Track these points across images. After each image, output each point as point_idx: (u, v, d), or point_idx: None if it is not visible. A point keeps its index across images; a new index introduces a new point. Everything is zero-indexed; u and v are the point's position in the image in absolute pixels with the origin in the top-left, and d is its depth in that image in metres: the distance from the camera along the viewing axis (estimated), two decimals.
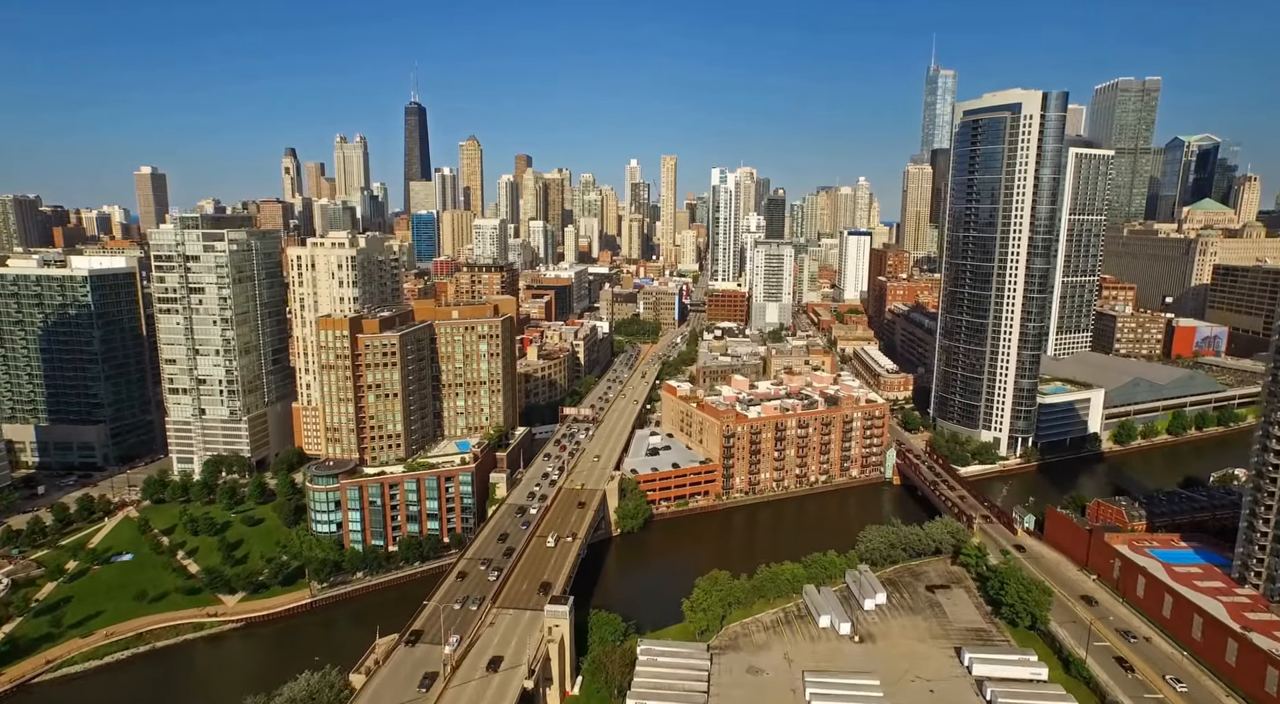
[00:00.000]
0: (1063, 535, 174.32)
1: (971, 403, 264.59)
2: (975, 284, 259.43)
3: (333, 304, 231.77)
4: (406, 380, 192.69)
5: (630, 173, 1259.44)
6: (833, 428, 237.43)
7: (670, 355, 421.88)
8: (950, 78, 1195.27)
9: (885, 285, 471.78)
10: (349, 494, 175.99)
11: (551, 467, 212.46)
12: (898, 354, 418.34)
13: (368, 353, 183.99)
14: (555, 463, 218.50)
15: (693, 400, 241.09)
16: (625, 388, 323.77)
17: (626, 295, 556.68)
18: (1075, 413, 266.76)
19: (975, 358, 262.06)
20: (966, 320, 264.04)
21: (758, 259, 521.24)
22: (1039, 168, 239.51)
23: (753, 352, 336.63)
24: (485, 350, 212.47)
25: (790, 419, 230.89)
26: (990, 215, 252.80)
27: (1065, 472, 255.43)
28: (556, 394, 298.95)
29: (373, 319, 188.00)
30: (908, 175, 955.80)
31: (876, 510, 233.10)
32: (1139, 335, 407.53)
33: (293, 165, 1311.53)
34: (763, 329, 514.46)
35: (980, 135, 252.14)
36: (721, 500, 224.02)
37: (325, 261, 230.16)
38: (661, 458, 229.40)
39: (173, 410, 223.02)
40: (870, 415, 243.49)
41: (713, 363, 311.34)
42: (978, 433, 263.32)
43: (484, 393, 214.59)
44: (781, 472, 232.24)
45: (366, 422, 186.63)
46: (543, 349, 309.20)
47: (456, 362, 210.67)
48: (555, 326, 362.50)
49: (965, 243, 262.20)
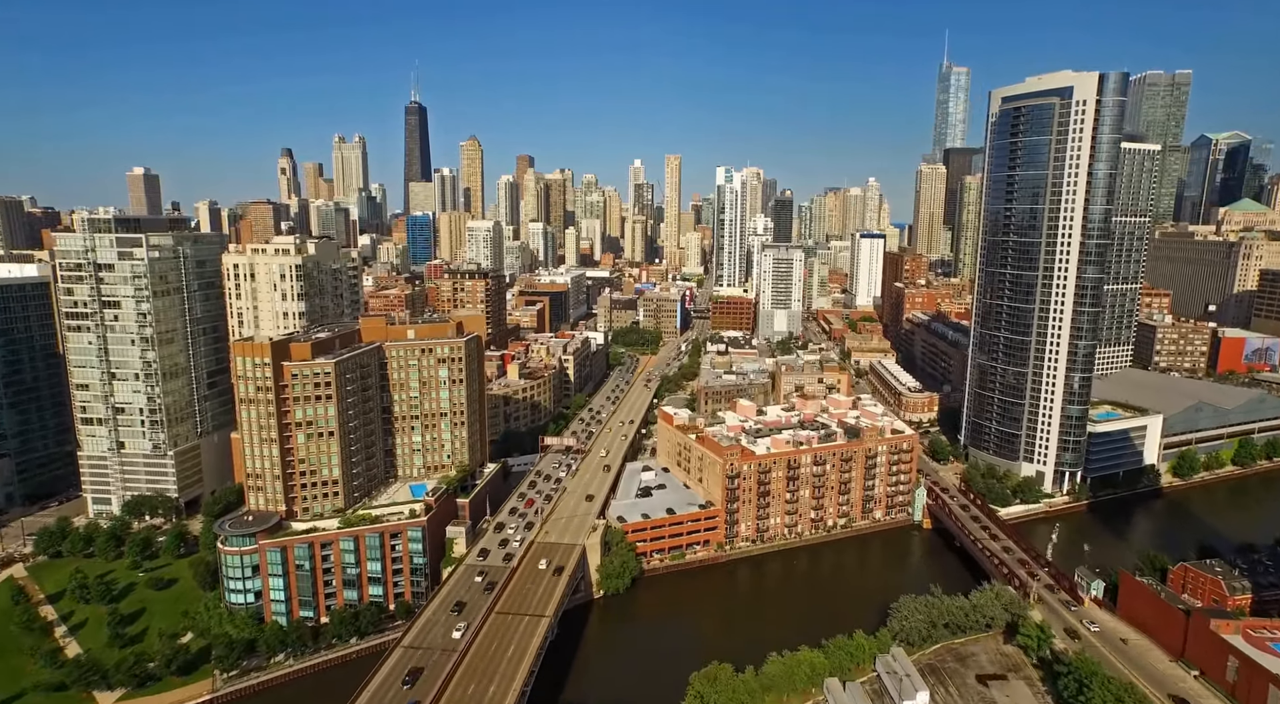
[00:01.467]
0: (1144, 611, 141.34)
1: (1010, 431, 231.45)
2: (1015, 295, 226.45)
3: (275, 320, 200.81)
4: (346, 415, 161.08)
5: (634, 173, 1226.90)
6: (854, 464, 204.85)
7: (671, 368, 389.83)
8: (963, 75, 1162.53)
9: (902, 292, 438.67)
10: (270, 557, 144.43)
11: (521, 519, 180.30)
12: (917, 367, 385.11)
13: (296, 384, 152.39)
14: (528, 510, 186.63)
15: (691, 430, 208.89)
16: (619, 408, 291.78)
17: (626, 302, 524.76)
18: (1129, 443, 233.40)
19: (1015, 380, 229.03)
20: (1005, 337, 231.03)
21: (765, 264, 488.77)
22: (1093, 162, 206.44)
23: (760, 369, 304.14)
24: (446, 376, 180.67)
25: (804, 454, 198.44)
26: (1034, 217, 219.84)
27: (1120, 512, 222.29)
28: (540, 418, 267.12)
29: (303, 342, 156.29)
30: (920, 175, 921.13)
31: (905, 562, 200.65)
32: (1181, 347, 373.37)
33: (289, 166, 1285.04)
34: (770, 338, 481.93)
35: (1022, 125, 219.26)
36: (724, 551, 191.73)
37: (266, 271, 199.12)
38: (655, 500, 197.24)
39: (86, 443, 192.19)
40: (896, 448, 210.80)
41: (715, 382, 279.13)
42: (1017, 465, 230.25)
43: (445, 426, 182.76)
44: (794, 516, 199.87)
45: (296, 466, 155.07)
46: (526, 367, 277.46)
47: (411, 390, 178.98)
48: (543, 339, 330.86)
49: (1004, 248, 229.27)
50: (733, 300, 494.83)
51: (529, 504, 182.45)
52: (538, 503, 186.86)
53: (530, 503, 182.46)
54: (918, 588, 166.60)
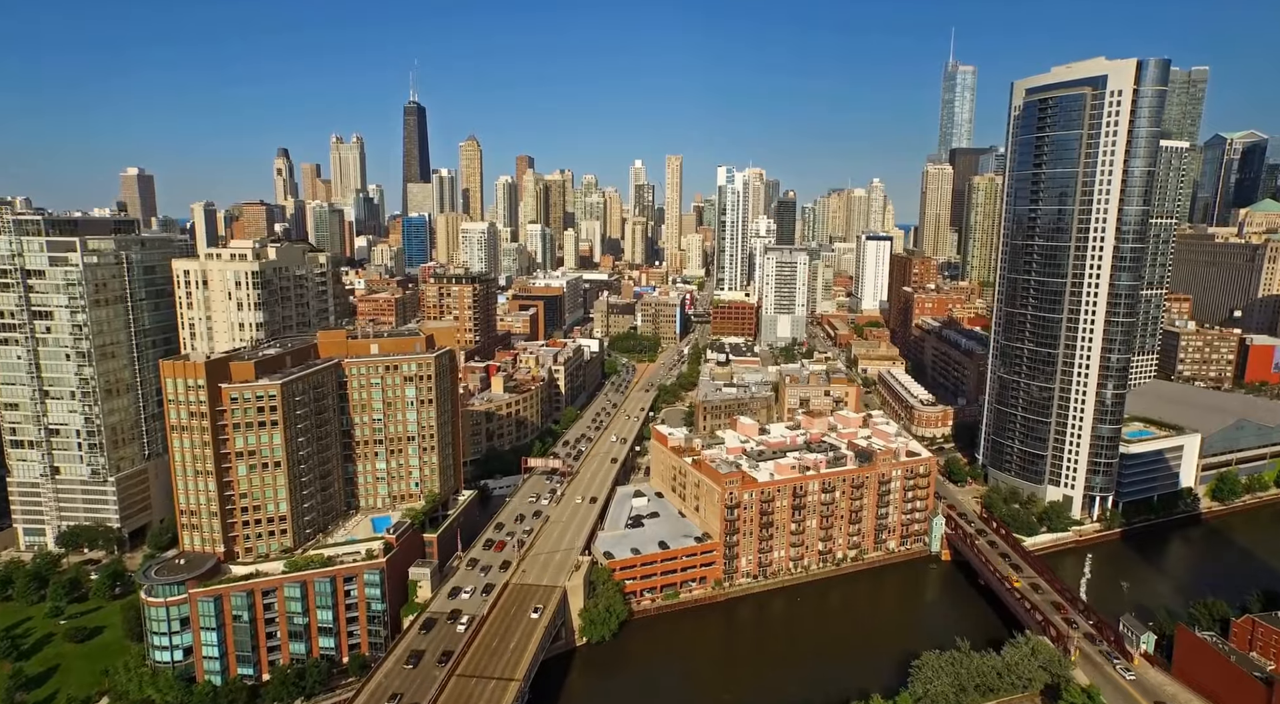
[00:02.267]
0: (1208, 675, 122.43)
1: (1035, 452, 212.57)
2: (1041, 304, 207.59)
3: (230, 331, 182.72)
4: (295, 443, 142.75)
5: (634, 174, 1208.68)
6: (865, 491, 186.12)
7: (669, 377, 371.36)
8: (969, 74, 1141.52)
9: (911, 297, 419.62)
10: (202, 608, 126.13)
11: (496, 556, 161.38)
12: (928, 377, 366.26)
13: (235, 408, 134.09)
14: (505, 546, 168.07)
15: (688, 453, 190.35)
16: (611, 423, 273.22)
17: (623, 306, 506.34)
18: (1165, 464, 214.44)
19: (1040, 396, 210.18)
20: (1029, 349, 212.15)
21: (768, 267, 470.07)
22: (1129, 159, 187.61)
23: (762, 381, 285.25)
24: (414, 396, 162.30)
25: (811, 481, 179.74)
26: (1061, 219, 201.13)
27: (1157, 541, 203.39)
28: (526, 434, 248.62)
29: (246, 361, 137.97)
30: (927, 176, 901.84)
31: (923, 601, 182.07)
32: (1205, 356, 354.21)
33: (285, 166, 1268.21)
34: (773, 344, 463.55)
35: (1049, 119, 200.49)
36: (722, 588, 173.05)
37: (220, 278, 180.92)
38: (646, 531, 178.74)
39: (16, 469, 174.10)
40: (912, 473, 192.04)
41: (715, 396, 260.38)
42: (1042, 489, 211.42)
43: (413, 451, 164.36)
44: (800, 548, 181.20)
45: (236, 502, 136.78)
46: (512, 379, 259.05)
47: (374, 412, 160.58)
48: (533, 348, 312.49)
49: (1028, 253, 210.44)
50: (734, 305, 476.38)
51: (499, 548, 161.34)
52: (509, 545, 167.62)
53: (500, 546, 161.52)
54: (939, 634, 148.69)
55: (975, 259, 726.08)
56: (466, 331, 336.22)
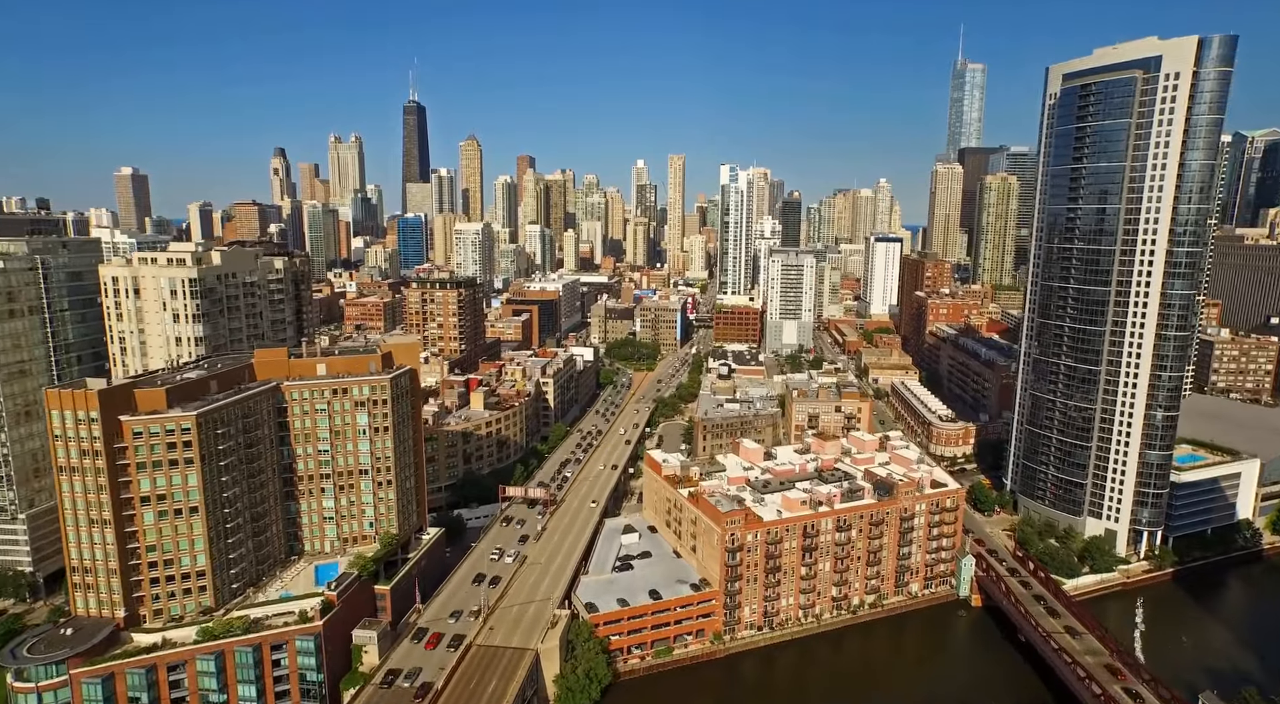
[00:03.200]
0: None
1: (1073, 480, 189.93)
2: (1080, 315, 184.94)
3: (166, 346, 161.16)
4: (218, 483, 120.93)
5: (636, 174, 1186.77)
6: (886, 528, 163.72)
7: (668, 387, 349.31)
8: (979, 72, 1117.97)
9: (925, 302, 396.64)
10: (89, 691, 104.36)
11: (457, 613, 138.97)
12: (943, 388, 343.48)
13: (140, 444, 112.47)
14: (476, 591, 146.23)
15: (684, 483, 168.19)
16: (604, 441, 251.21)
17: (622, 311, 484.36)
18: (1220, 493, 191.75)
19: (1079, 417, 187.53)
20: (1066, 365, 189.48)
21: (773, 270, 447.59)
22: (1186, 151, 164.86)
23: (768, 395, 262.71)
24: (367, 423, 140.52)
25: (824, 518, 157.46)
26: (1104, 219, 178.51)
27: (1215, 582, 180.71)
28: (509, 455, 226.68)
29: (155, 388, 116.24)
30: (936, 176, 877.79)
31: (953, 657, 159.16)
32: (1242, 366, 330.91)
33: (282, 166, 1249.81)
34: (779, 352, 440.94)
35: (1092, 107, 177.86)
36: (723, 643, 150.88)
37: (154, 286, 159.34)
38: (636, 575, 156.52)
39: None
40: (938, 507, 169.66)
41: (716, 413, 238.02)
42: (1080, 521, 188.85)
43: (366, 486, 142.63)
44: (811, 594, 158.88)
45: (142, 556, 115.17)
46: (494, 394, 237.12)
47: (320, 442, 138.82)
48: (520, 359, 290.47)
49: (1065, 258, 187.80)
50: (738, 310, 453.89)
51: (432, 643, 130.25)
52: (480, 589, 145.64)
53: (433, 642, 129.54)
54: (970, 694, 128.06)
55: (987, 261, 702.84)
56: (451, 340, 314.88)
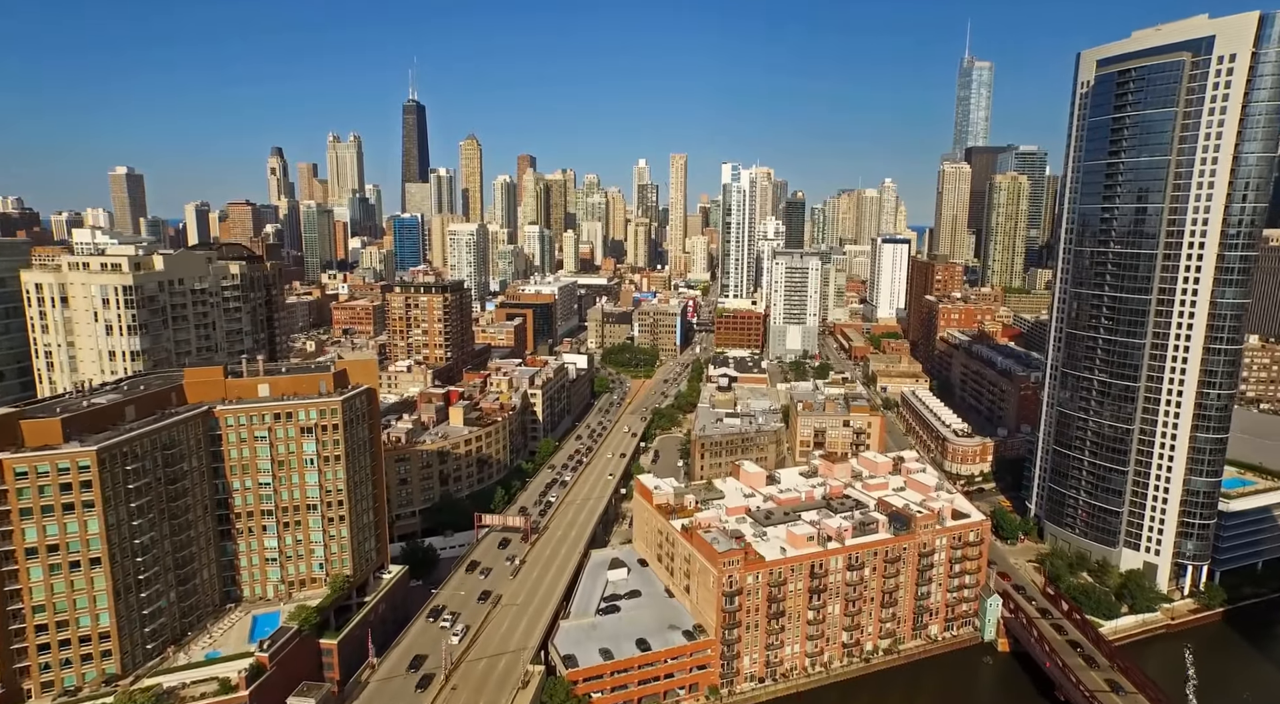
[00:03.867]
0: None
1: (1107, 507, 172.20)
2: (1117, 325, 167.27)
3: (99, 361, 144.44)
4: (128, 528, 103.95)
5: (638, 173, 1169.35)
6: (902, 566, 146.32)
7: (666, 397, 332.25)
8: (986, 70, 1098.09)
9: (935, 307, 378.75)
10: None
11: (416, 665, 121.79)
12: (955, 397, 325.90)
13: (25, 486, 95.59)
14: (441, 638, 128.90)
15: (677, 514, 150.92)
16: (594, 458, 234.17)
17: (620, 315, 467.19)
18: (1273, 523, 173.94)
19: (1115, 438, 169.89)
20: (1100, 380, 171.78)
21: (776, 273, 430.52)
22: (1241, 142, 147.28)
23: (770, 410, 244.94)
24: (314, 451, 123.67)
25: (834, 556, 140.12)
26: (1144, 220, 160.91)
27: (1269, 622, 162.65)
28: (491, 475, 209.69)
29: (47, 419, 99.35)
30: (943, 175, 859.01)
31: None
32: (1273, 375, 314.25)
33: (279, 166, 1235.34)
34: (782, 358, 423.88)
35: (1132, 95, 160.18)
36: (719, 698, 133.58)
37: (83, 294, 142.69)
38: (623, 618, 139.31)
39: None
40: (960, 541, 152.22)
41: (715, 429, 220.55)
42: (1115, 552, 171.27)
43: (314, 523, 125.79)
44: (819, 641, 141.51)
45: (29, 617, 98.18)
46: (475, 408, 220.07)
47: (260, 474, 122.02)
48: (508, 368, 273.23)
49: (1099, 262, 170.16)
50: (739, 314, 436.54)
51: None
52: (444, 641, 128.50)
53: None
54: None
55: (996, 263, 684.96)
56: (436, 347, 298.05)
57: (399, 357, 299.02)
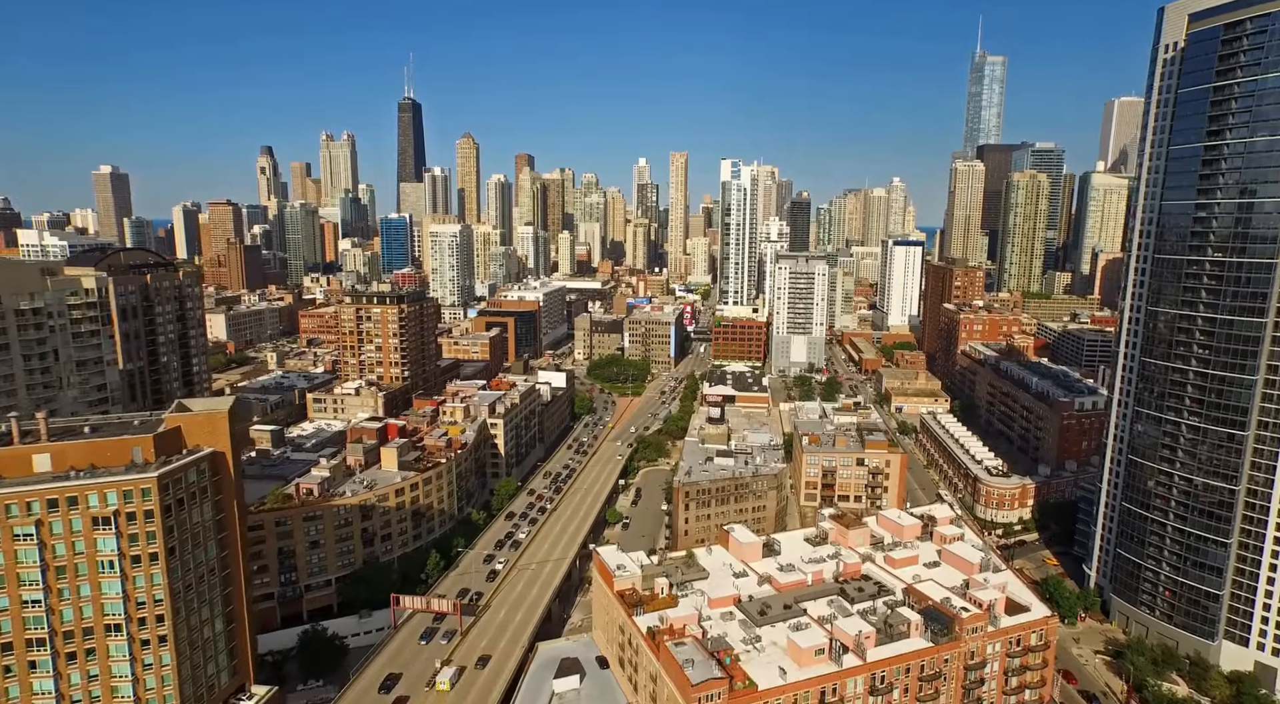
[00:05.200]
0: None
1: (1202, 587, 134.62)
2: (1216, 355, 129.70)
3: None
4: None
5: (638, 172, 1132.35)
6: (943, 685, 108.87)
7: (655, 420, 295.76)
8: (999, 65, 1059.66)
9: (956, 317, 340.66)
10: None
11: None
12: (980, 420, 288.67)
13: None
14: None
15: (645, 605, 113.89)
16: (564, 500, 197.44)
17: (609, 324, 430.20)
18: None
19: (1213, 500, 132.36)
20: (1189, 424, 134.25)
21: (780, 278, 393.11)
22: None
23: (770, 445, 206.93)
24: (114, 550, 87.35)
25: (851, 677, 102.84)
26: (1258, 219, 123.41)
27: None
28: (430, 531, 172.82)
29: None
30: (955, 174, 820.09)
31: None
32: None
33: (269, 165, 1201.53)
34: (785, 371, 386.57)
35: (1246, 55, 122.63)
36: None
37: None
38: None
39: None
40: (1019, 646, 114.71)
41: (702, 473, 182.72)
42: (1214, 646, 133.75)
43: (119, 650, 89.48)
44: None
45: None
46: (416, 447, 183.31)
47: (27, 586, 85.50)
48: (468, 391, 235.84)
49: (1191, 274, 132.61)
50: (739, 324, 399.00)
51: None
52: None
53: None
54: None
55: (1014, 266, 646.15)
56: (392, 366, 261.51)
57: (351, 375, 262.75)
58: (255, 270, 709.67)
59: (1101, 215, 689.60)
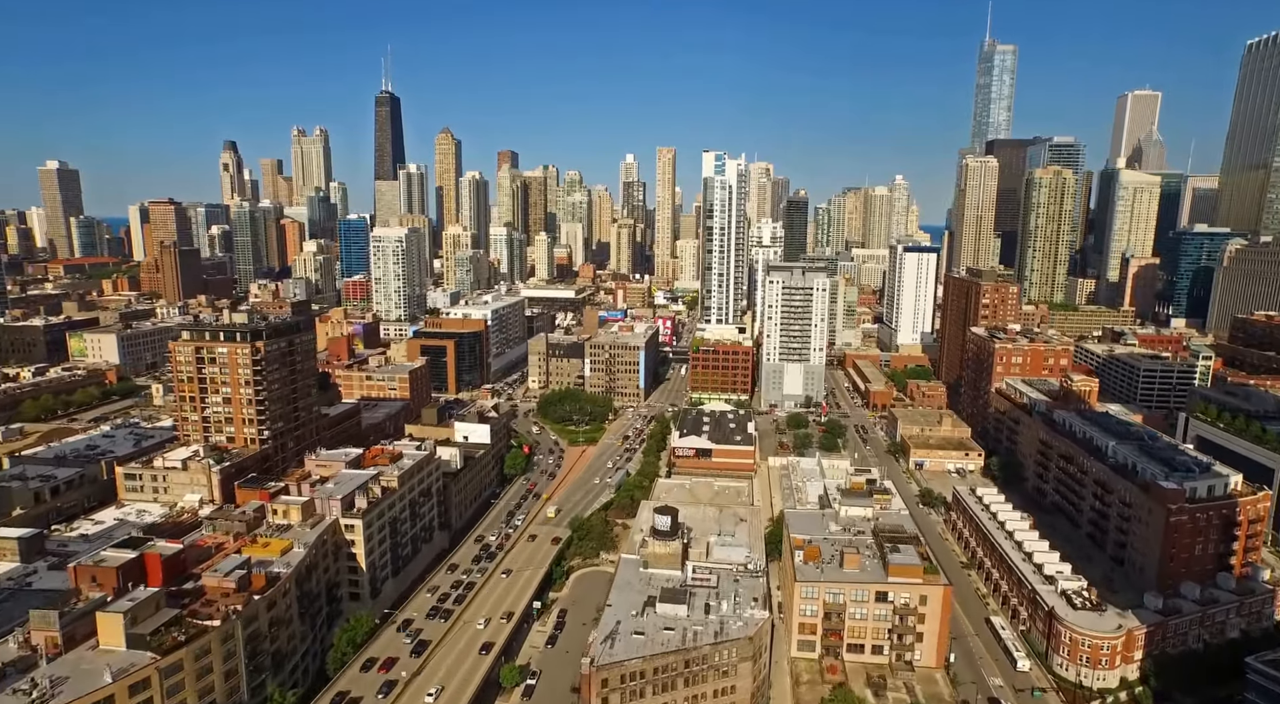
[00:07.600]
0: None
1: None
2: None
3: None
4: None
5: (625, 170, 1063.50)
6: None
7: (607, 484, 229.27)
8: (1009, 54, 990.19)
9: (990, 346, 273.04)
10: None
11: None
12: (1028, 487, 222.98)
13: None
14: None
15: None
16: (443, 648, 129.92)
17: (568, 348, 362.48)
18: None
19: None
20: None
21: (772, 293, 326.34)
22: None
23: (750, 569, 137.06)
24: None
25: None
26: None
27: None
28: None
29: None
30: (965, 170, 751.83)
31: None
32: None
33: (233, 161, 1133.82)
34: (777, 406, 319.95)
35: None
36: None
37: None
38: None
39: None
40: None
41: (634, 643, 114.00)
42: None
43: None
44: None
45: None
46: (182, 597, 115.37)
47: None
48: (324, 469, 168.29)
49: None
50: (722, 348, 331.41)
51: None
52: None
53: None
54: None
55: (1035, 273, 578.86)
56: (245, 425, 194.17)
57: (193, 438, 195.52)
58: (193, 277, 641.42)
59: (1130, 216, 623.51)
